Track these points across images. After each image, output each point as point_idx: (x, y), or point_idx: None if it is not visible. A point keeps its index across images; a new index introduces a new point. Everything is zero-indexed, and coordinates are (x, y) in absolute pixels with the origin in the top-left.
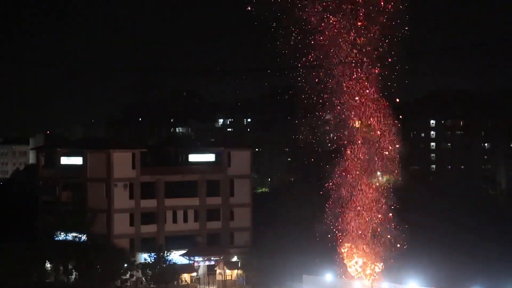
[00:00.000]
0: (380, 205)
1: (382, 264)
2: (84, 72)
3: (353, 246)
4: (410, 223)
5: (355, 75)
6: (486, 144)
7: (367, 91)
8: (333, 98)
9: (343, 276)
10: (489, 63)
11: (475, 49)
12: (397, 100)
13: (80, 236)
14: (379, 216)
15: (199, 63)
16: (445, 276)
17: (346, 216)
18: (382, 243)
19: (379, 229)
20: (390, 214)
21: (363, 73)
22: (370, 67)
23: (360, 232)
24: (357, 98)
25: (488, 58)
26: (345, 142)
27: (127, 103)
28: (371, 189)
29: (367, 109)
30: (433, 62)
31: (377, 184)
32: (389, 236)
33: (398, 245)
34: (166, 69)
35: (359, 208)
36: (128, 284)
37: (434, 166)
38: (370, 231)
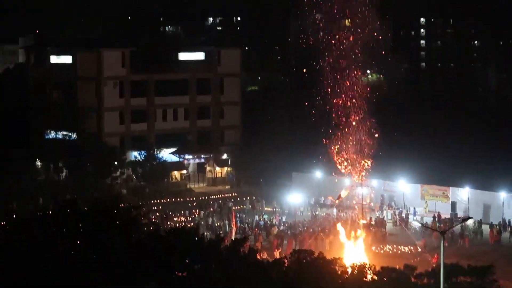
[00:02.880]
0: (366, 102)
1: (370, 161)
2: None
3: (342, 144)
4: (398, 121)
5: None
6: (476, 42)
7: None
8: None
9: (333, 173)
10: None
11: None
12: None
13: (70, 134)
14: (365, 117)
15: None
16: (433, 174)
17: (334, 114)
18: (369, 141)
19: (365, 128)
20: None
21: None
22: None
23: (347, 129)
24: None
25: None
26: (334, 40)
27: (117, 2)
28: (359, 86)
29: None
30: None
31: (366, 81)
32: (374, 133)
33: (382, 143)
34: None
35: (347, 104)
36: (119, 181)
37: (424, 64)
38: (355, 127)
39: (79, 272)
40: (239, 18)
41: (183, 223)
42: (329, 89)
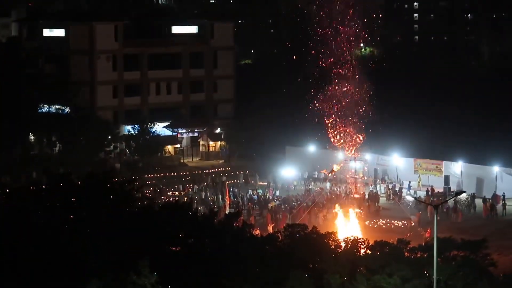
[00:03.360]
0: (360, 77)
1: (363, 135)
2: None
3: (336, 118)
4: (391, 94)
5: None
6: (469, 15)
7: None
8: None
9: (326, 147)
10: None
11: None
12: None
13: (63, 108)
14: (359, 90)
15: None
16: (426, 148)
17: (329, 89)
18: (362, 114)
19: (360, 102)
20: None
21: None
22: None
23: (343, 104)
24: None
25: None
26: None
27: None
28: (352, 60)
29: None
30: None
31: (360, 54)
32: (369, 112)
33: (376, 116)
34: None
35: (341, 80)
36: (112, 155)
37: (417, 37)
38: (350, 104)
39: (72, 246)
40: None
41: (177, 198)
42: (321, 55)
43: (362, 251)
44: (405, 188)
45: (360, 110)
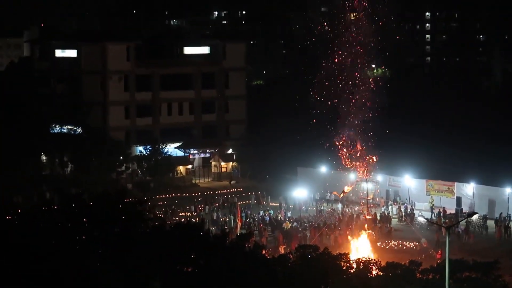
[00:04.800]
0: (372, 97)
1: (375, 156)
2: None
3: (347, 139)
4: (402, 116)
5: None
6: (481, 36)
7: None
8: None
9: (338, 168)
10: None
11: None
12: None
13: (75, 128)
14: (369, 111)
15: None
16: (438, 169)
17: (340, 109)
18: (374, 135)
19: (370, 124)
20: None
21: None
22: None
23: (355, 123)
24: None
25: None
26: (340, 35)
27: None
28: (364, 82)
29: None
30: None
31: (372, 75)
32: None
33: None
34: None
35: (352, 100)
36: (124, 176)
37: (429, 58)
38: (361, 122)
39: (83, 266)
40: (244, 12)
41: (188, 218)
42: (334, 82)
43: (374, 272)
44: (423, 211)
45: (371, 131)
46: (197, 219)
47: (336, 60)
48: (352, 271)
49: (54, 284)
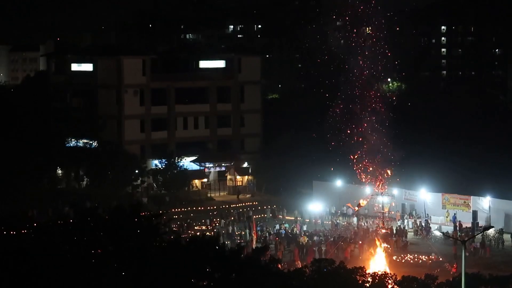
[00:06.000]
0: (387, 110)
1: (391, 170)
2: None
3: (362, 153)
4: (418, 130)
5: None
6: (497, 50)
7: None
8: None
9: (353, 182)
10: None
11: None
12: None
13: (91, 142)
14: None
15: None
16: (454, 183)
17: (356, 125)
18: (389, 149)
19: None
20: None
21: None
22: None
23: (370, 140)
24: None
25: None
26: (355, 49)
27: (138, 9)
28: (380, 93)
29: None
30: None
31: (387, 89)
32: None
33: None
34: None
35: (367, 112)
36: (139, 190)
37: (444, 72)
38: (375, 137)
39: (98, 281)
40: (259, 26)
41: (204, 232)
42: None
43: (390, 286)
44: (434, 224)
45: (386, 146)
46: (212, 233)
47: (350, 74)
48: (368, 285)
49: None
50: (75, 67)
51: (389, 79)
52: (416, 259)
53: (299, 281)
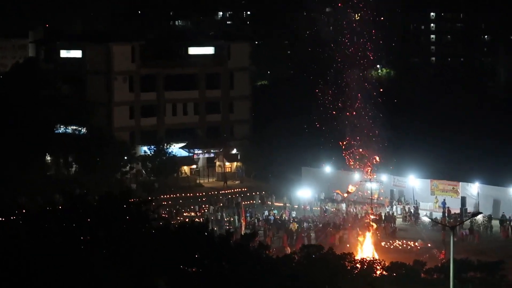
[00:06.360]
0: (376, 96)
1: (379, 156)
2: None
3: (351, 139)
4: (407, 115)
5: None
6: (486, 37)
7: None
8: None
9: (342, 168)
10: None
11: None
12: None
13: (80, 129)
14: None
15: None
16: (442, 169)
17: (344, 111)
18: (377, 135)
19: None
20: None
21: None
22: None
23: (358, 125)
24: None
25: None
26: (344, 35)
27: None
28: (368, 79)
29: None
30: None
31: (376, 75)
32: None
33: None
34: None
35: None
36: (128, 176)
37: (434, 58)
38: (365, 123)
39: (88, 266)
40: (248, 13)
41: (193, 218)
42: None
43: (379, 272)
44: (423, 210)
45: (375, 132)
46: (202, 219)
47: (339, 60)
48: (356, 271)
49: (59, 284)
50: (64, 53)
51: (378, 66)
52: (404, 245)
53: (288, 267)
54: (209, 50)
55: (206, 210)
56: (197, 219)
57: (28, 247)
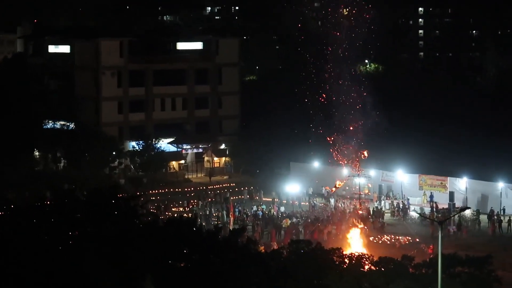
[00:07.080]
0: (364, 91)
1: (367, 151)
2: None
3: (339, 134)
4: (395, 110)
5: None
6: (474, 32)
7: None
8: None
9: (330, 163)
10: None
11: None
12: None
13: (68, 124)
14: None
15: None
16: (431, 164)
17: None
18: (366, 130)
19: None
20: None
21: None
22: None
23: (345, 119)
24: None
25: None
26: (333, 30)
27: None
28: (357, 74)
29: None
30: None
31: (365, 70)
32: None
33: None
34: None
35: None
36: (117, 171)
37: (422, 53)
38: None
39: (76, 262)
40: (237, 8)
41: (181, 213)
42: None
43: (367, 267)
44: (412, 205)
45: (360, 123)
46: (190, 214)
47: (328, 56)
48: (345, 266)
49: (47, 280)
50: (52, 49)
51: (366, 61)
52: (393, 240)
53: (276, 262)
54: (198, 45)
55: (194, 206)
56: (185, 215)
57: (16, 242)
